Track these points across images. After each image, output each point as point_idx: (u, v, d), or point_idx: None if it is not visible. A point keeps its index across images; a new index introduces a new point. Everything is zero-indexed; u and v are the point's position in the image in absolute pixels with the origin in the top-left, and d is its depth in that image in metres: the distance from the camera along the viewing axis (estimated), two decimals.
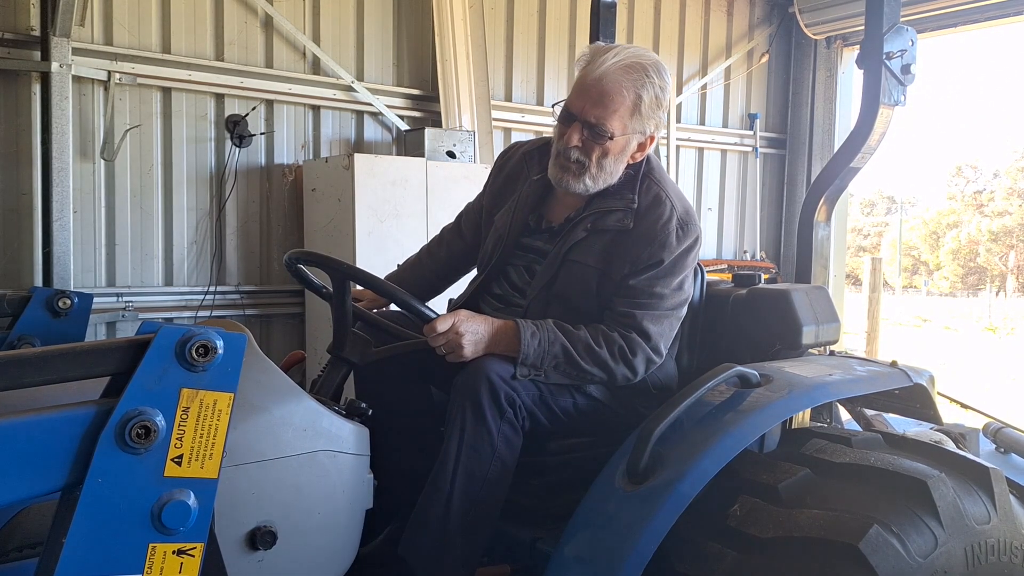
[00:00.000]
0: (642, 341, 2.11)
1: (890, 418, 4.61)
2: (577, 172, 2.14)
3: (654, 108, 2.11)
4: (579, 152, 2.11)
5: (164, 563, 1.24)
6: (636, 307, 2.12)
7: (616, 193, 2.19)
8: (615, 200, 2.18)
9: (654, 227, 2.13)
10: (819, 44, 8.52)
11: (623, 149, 2.13)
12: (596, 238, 2.17)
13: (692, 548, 1.81)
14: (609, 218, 2.17)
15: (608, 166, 2.13)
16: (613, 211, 2.17)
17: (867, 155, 2.62)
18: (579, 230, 2.18)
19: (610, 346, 2.08)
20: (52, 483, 1.19)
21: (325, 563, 1.69)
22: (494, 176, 2.49)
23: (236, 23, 5.78)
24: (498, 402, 1.94)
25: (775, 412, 1.95)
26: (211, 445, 1.27)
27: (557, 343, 2.04)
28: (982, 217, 41.61)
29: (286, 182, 6.05)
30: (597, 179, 2.14)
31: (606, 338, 2.09)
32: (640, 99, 2.08)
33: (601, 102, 2.06)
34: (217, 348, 1.25)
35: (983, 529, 1.85)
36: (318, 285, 2.29)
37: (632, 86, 2.06)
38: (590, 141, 2.10)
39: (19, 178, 5.14)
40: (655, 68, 2.11)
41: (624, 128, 2.09)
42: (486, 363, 1.99)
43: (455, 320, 2.00)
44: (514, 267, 2.33)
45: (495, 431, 1.94)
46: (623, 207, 2.17)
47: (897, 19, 2.50)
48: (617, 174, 2.17)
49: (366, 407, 1.86)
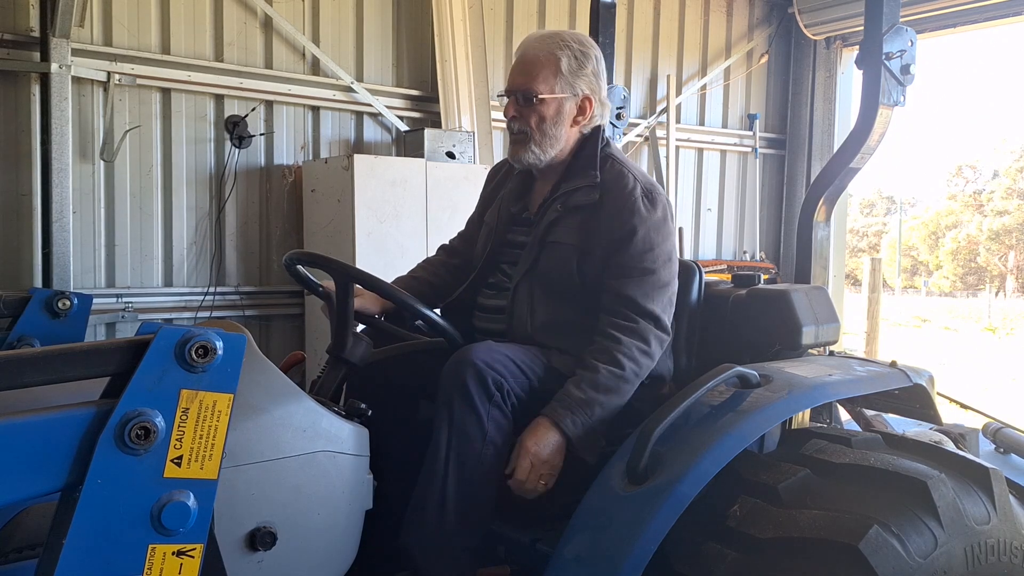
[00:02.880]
0: (650, 326, 2.14)
1: (890, 418, 4.61)
2: (522, 142, 2.26)
3: (577, 69, 2.22)
4: (518, 122, 2.25)
5: (164, 564, 1.24)
6: (634, 288, 2.15)
7: (579, 172, 2.29)
8: (579, 179, 2.28)
9: (620, 197, 2.21)
10: (819, 44, 8.53)
11: (558, 111, 2.24)
12: (569, 217, 2.24)
13: (692, 548, 1.81)
14: (576, 196, 2.26)
15: (548, 130, 2.24)
16: (579, 188, 2.26)
17: (867, 155, 2.62)
18: (551, 212, 2.27)
19: (630, 357, 2.10)
20: (51, 484, 1.19)
21: (325, 564, 1.69)
22: (486, 184, 2.63)
23: (235, 24, 5.78)
24: (485, 386, 1.95)
25: (775, 412, 1.95)
26: (211, 446, 1.27)
27: (595, 406, 2.04)
28: (982, 217, 41.62)
29: (286, 183, 6.05)
30: (543, 145, 2.25)
31: (620, 352, 2.09)
32: (558, 59, 2.20)
33: (523, 71, 2.22)
34: (217, 349, 1.25)
35: (983, 529, 1.85)
36: (317, 286, 2.29)
37: (547, 50, 2.21)
38: (523, 108, 2.23)
39: (19, 179, 5.15)
40: (572, 36, 2.25)
41: (550, 89, 2.21)
42: (471, 349, 2.01)
43: (531, 467, 2.01)
44: (504, 258, 2.40)
45: (484, 415, 1.95)
46: (588, 183, 2.25)
47: (896, 19, 2.50)
48: (562, 138, 2.27)
49: (366, 407, 1.86)
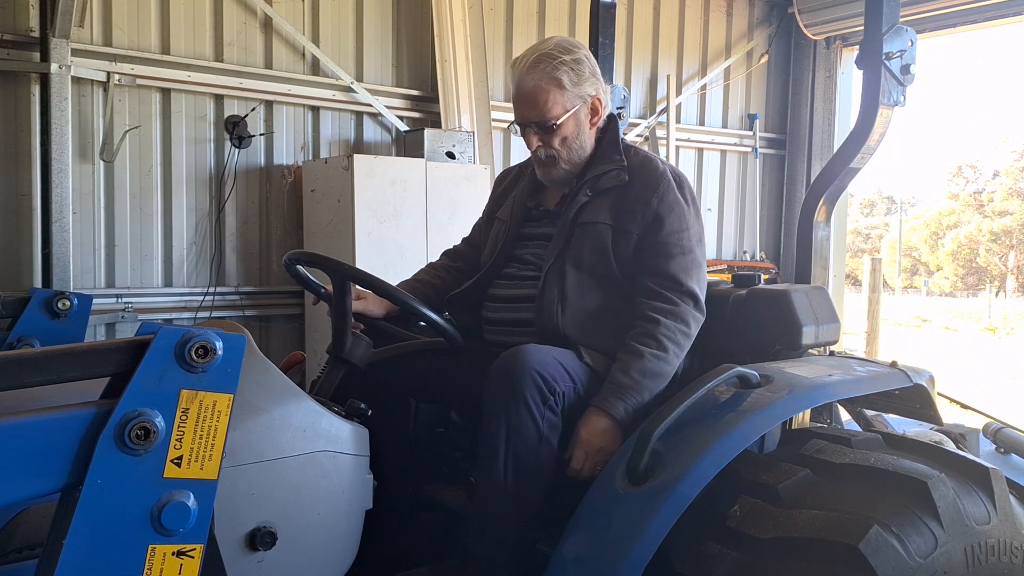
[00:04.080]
0: (689, 307, 2.23)
1: (890, 418, 4.60)
2: (551, 164, 2.37)
3: (577, 79, 2.30)
4: (543, 149, 2.35)
5: (164, 564, 1.24)
6: (673, 265, 2.24)
7: (604, 158, 2.38)
8: (605, 164, 2.37)
9: (650, 178, 2.30)
10: (819, 44, 8.53)
11: (577, 123, 2.34)
12: (600, 199, 2.33)
13: (692, 549, 1.81)
14: (604, 179, 2.34)
15: (572, 142, 2.35)
16: (607, 172, 2.35)
17: (867, 155, 2.62)
18: (580, 196, 2.34)
19: (672, 339, 2.17)
20: (51, 484, 1.19)
21: (325, 563, 1.69)
22: (494, 190, 2.72)
23: (235, 24, 5.78)
24: (540, 390, 1.98)
25: (775, 413, 1.95)
26: (211, 446, 1.27)
27: (643, 390, 2.10)
28: (982, 217, 41.61)
29: (285, 183, 6.05)
30: (571, 158, 2.37)
31: (663, 335, 2.16)
32: (559, 80, 2.28)
33: (531, 104, 2.31)
34: (216, 349, 1.25)
35: (983, 529, 1.85)
36: (317, 286, 2.29)
37: (545, 77, 2.28)
38: (545, 136, 2.33)
39: (18, 179, 5.15)
40: (558, 48, 2.30)
41: (563, 109, 2.30)
42: (524, 353, 2.03)
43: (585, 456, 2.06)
44: (522, 252, 2.45)
45: (540, 418, 1.98)
46: (615, 167, 2.35)
47: (896, 19, 2.50)
48: (588, 142, 2.38)
49: (365, 407, 1.86)
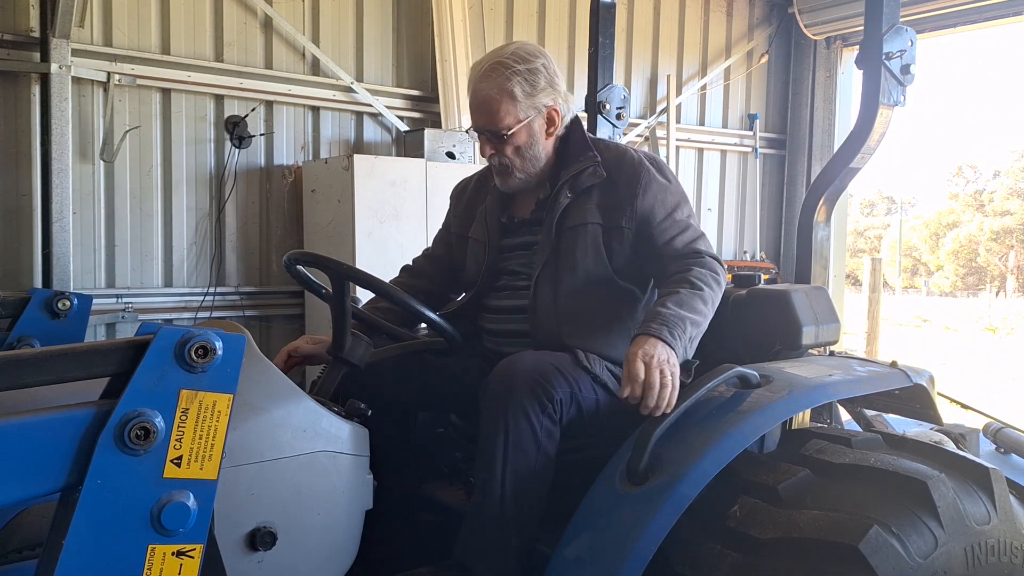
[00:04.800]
0: (713, 262, 2.23)
1: (890, 418, 4.61)
2: (505, 172, 2.34)
3: (531, 90, 2.27)
4: (496, 156, 2.32)
5: (164, 564, 1.24)
6: (686, 238, 2.25)
7: (576, 158, 2.34)
8: (578, 163, 2.32)
9: (629, 170, 2.28)
10: (819, 44, 8.53)
11: (529, 133, 2.30)
12: (583, 199, 2.29)
13: (692, 549, 1.81)
14: (582, 177, 2.30)
15: (526, 152, 2.32)
16: (583, 171, 2.31)
17: (867, 155, 2.62)
18: (561, 199, 2.30)
19: (704, 280, 2.16)
20: (51, 484, 1.19)
21: (325, 564, 1.69)
22: (454, 205, 2.64)
23: (235, 24, 5.78)
24: (539, 399, 1.96)
25: (775, 413, 1.95)
26: (210, 446, 1.27)
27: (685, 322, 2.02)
28: (983, 217, 41.60)
29: (286, 183, 6.05)
30: (525, 167, 2.33)
31: (694, 276, 2.16)
32: (511, 91, 2.24)
33: (483, 112, 2.28)
34: (216, 349, 1.25)
35: (983, 530, 1.85)
36: (317, 286, 2.29)
37: (497, 86, 2.25)
38: (498, 144, 2.30)
39: (19, 179, 5.15)
40: (515, 57, 2.26)
41: (515, 119, 2.26)
42: (521, 360, 2.01)
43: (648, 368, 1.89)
44: (508, 264, 2.42)
45: (537, 427, 1.95)
46: (590, 163, 2.31)
47: (896, 19, 2.50)
48: (542, 153, 2.34)
49: (365, 407, 1.86)
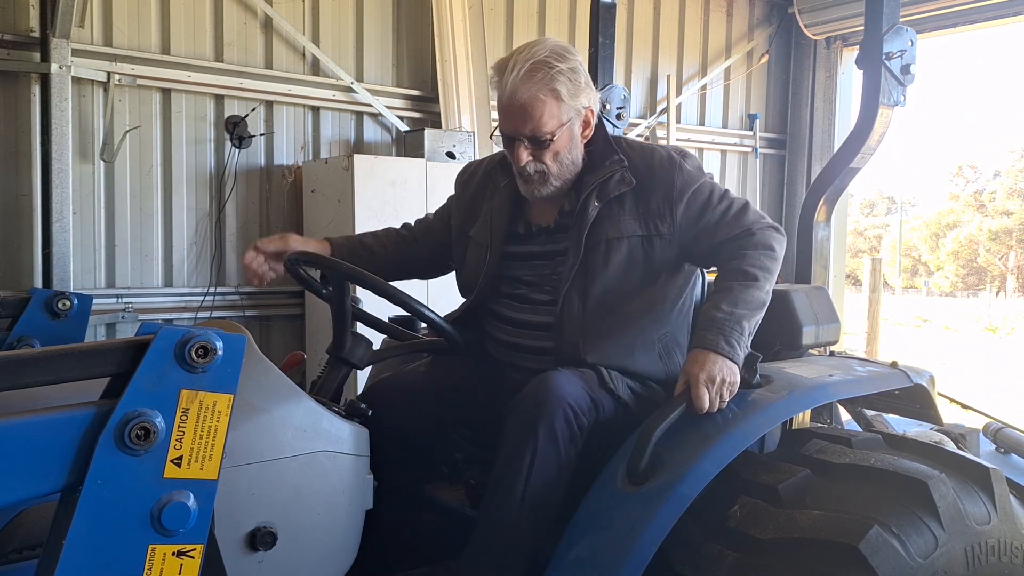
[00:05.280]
0: (768, 230, 2.14)
1: (890, 418, 4.61)
2: (541, 181, 2.19)
3: (574, 88, 2.14)
4: (533, 164, 2.17)
5: (164, 565, 1.24)
6: (734, 222, 2.15)
7: (600, 164, 2.22)
8: (604, 169, 2.21)
9: (662, 173, 2.18)
10: (819, 44, 8.52)
11: (570, 138, 2.18)
12: (615, 208, 2.19)
13: (692, 549, 1.81)
14: (611, 185, 2.19)
15: (565, 158, 2.19)
16: (611, 176, 2.20)
17: (867, 155, 2.62)
18: (589, 209, 2.18)
19: (758, 266, 2.09)
20: (51, 484, 1.19)
21: (325, 564, 1.69)
22: (460, 193, 2.50)
23: (235, 24, 5.78)
24: (571, 427, 1.91)
25: (775, 413, 1.95)
26: (211, 446, 1.27)
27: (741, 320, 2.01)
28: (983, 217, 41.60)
29: (286, 183, 6.05)
30: (562, 174, 2.20)
31: (748, 265, 2.09)
32: (557, 92, 2.11)
33: (526, 116, 2.11)
34: (216, 349, 1.25)
35: (983, 530, 1.85)
36: (318, 286, 2.29)
37: (544, 87, 2.10)
38: (537, 151, 2.15)
39: (19, 179, 5.14)
40: (554, 55, 2.12)
41: (559, 123, 2.13)
42: (560, 385, 1.94)
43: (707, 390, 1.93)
44: (514, 274, 2.30)
45: (563, 452, 1.91)
46: (617, 168, 2.20)
47: (896, 19, 2.50)
48: (579, 158, 2.22)
49: (366, 407, 1.86)
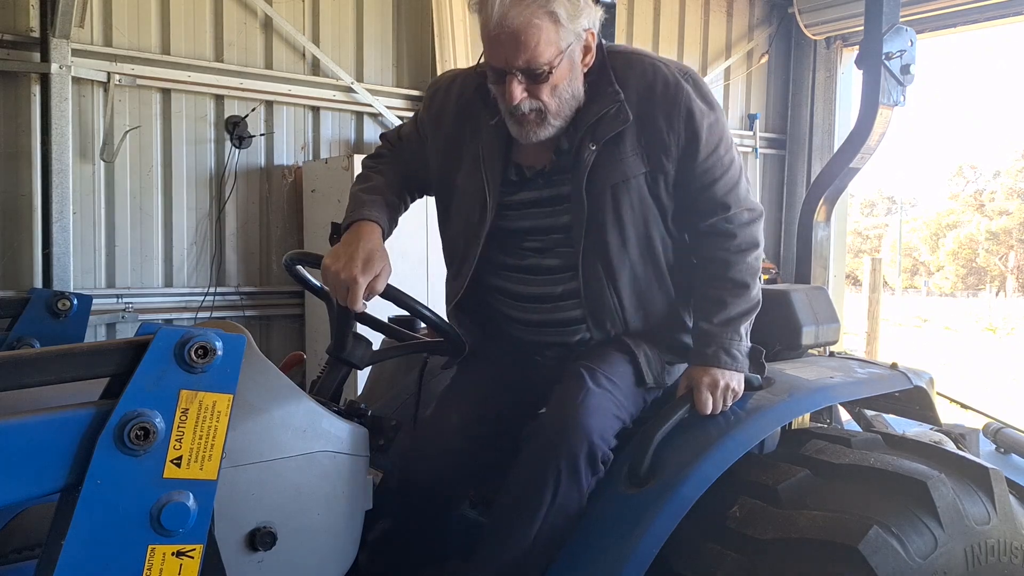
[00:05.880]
0: (747, 220, 2.00)
1: (890, 418, 4.60)
2: (539, 121, 1.88)
3: (573, 8, 1.83)
4: (528, 101, 1.85)
5: (163, 565, 1.24)
6: (722, 188, 1.97)
7: (594, 95, 1.93)
8: (598, 104, 1.92)
9: (666, 94, 1.92)
10: (819, 44, 8.52)
11: (570, 68, 1.88)
12: (611, 149, 1.92)
13: (691, 549, 1.81)
14: (603, 124, 1.92)
15: (565, 92, 1.88)
16: (604, 114, 1.92)
17: (867, 155, 2.62)
18: (584, 154, 1.92)
19: (743, 267, 1.99)
20: (51, 484, 1.19)
21: (325, 564, 1.69)
22: (433, 128, 2.13)
23: (235, 24, 5.78)
24: (594, 462, 1.86)
25: (776, 416, 1.95)
26: (210, 446, 1.27)
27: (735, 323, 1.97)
28: (982, 217, 41.61)
29: (286, 183, 6.05)
30: (562, 111, 1.90)
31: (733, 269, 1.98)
32: (555, 14, 1.80)
33: (518, 45, 1.79)
34: (216, 349, 1.25)
35: (983, 530, 1.85)
36: (317, 286, 2.29)
37: (538, 8, 1.78)
38: (533, 85, 1.84)
39: (19, 179, 5.14)
40: None
41: (557, 50, 1.81)
42: (588, 420, 1.83)
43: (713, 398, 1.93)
44: (518, 231, 2.06)
45: (585, 486, 1.86)
46: (611, 104, 1.92)
47: (896, 19, 2.50)
48: (579, 91, 1.92)
49: (366, 407, 1.86)
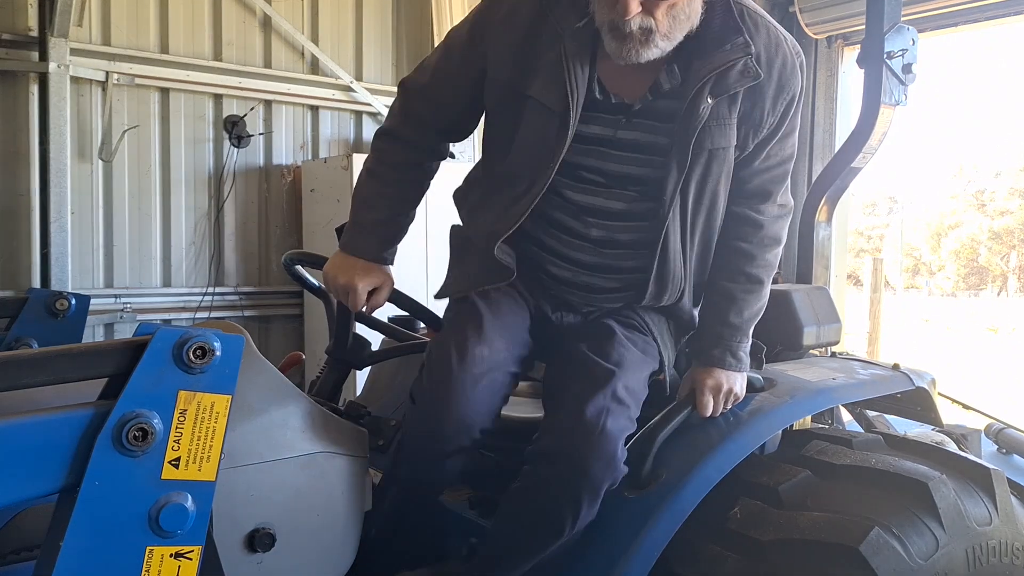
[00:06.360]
0: (778, 216, 1.88)
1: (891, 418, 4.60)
2: (644, 40, 1.62)
3: None
4: (642, 17, 1.60)
5: (162, 566, 1.24)
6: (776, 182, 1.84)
7: (719, 39, 1.70)
8: (724, 52, 1.69)
9: (782, 77, 1.76)
10: (820, 43, 8.51)
11: None
12: (719, 109, 1.71)
13: (692, 551, 1.80)
14: (730, 76, 1.69)
15: (681, 13, 1.64)
16: (732, 64, 1.69)
17: (868, 155, 2.61)
18: (700, 107, 1.68)
19: (763, 264, 1.90)
20: (49, 485, 1.18)
21: (324, 565, 1.68)
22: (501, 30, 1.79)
23: (234, 23, 5.77)
24: (613, 480, 1.77)
25: (778, 418, 1.94)
26: (209, 447, 1.26)
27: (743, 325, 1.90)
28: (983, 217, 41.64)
29: (285, 182, 6.05)
30: (672, 35, 1.65)
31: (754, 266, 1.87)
32: None
33: None
34: (215, 350, 1.24)
35: (984, 531, 1.85)
36: (316, 286, 2.28)
37: None
38: (650, 1, 1.59)
39: (17, 179, 5.14)
40: None
41: None
42: (612, 448, 1.71)
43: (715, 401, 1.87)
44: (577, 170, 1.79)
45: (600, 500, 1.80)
46: (740, 54, 1.69)
47: (898, 18, 2.49)
48: (696, 15, 1.67)
49: (366, 407, 1.86)
